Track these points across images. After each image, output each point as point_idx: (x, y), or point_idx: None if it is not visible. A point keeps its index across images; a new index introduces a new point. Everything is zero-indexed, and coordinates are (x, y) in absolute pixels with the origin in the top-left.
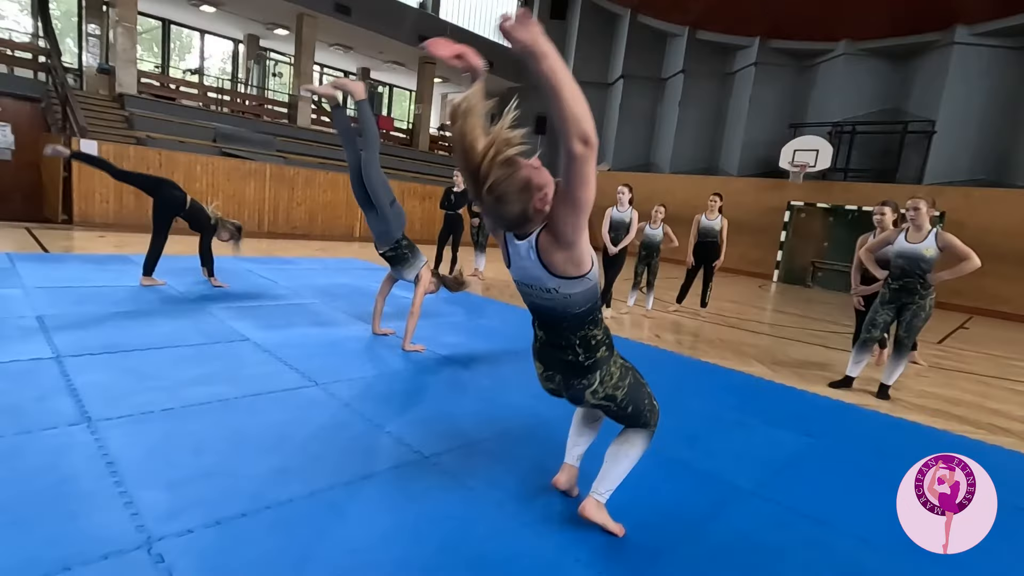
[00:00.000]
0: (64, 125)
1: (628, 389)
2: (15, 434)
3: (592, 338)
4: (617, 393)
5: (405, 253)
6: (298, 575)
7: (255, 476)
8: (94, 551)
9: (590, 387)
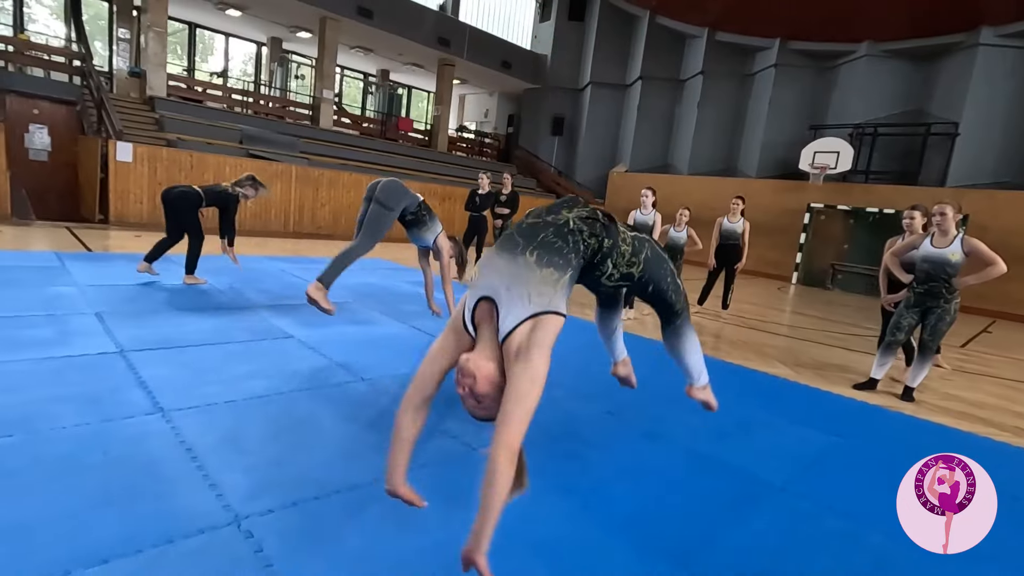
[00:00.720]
0: (99, 128)
1: (644, 265)
2: (100, 422)
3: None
4: (633, 270)
5: (423, 215)
6: (373, 551)
7: (321, 463)
8: (190, 527)
9: (604, 273)
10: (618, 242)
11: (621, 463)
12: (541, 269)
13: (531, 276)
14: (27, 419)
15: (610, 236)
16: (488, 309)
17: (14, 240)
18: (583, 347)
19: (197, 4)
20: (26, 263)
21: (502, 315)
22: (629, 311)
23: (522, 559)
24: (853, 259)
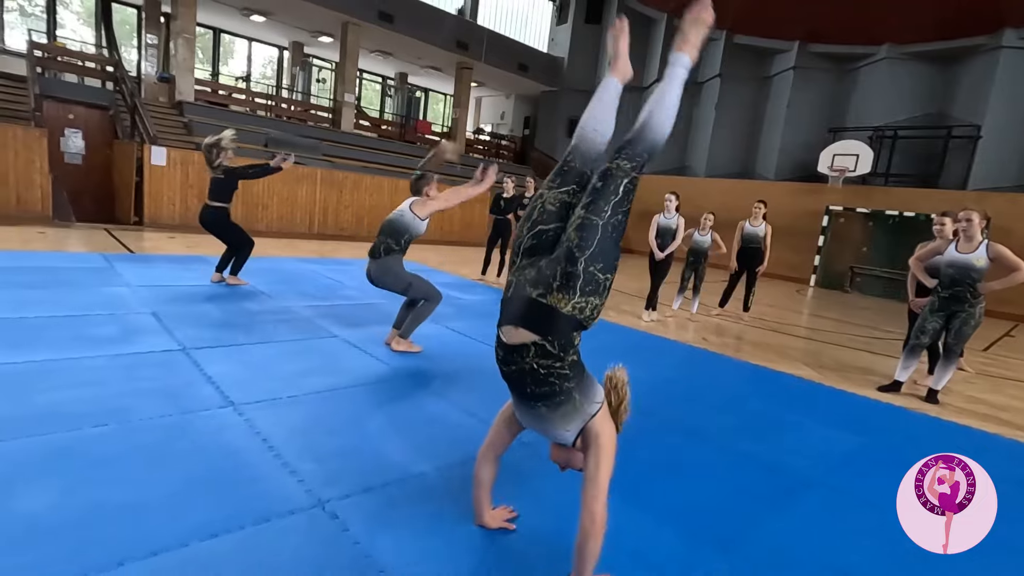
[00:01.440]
0: (133, 132)
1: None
2: (180, 414)
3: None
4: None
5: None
6: (445, 530)
7: (385, 454)
8: (282, 508)
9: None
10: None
11: (660, 459)
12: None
13: (553, 417)
14: (116, 411)
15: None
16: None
17: (60, 241)
18: (612, 348)
19: (222, 10)
20: (78, 264)
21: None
22: (651, 312)
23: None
24: (872, 262)
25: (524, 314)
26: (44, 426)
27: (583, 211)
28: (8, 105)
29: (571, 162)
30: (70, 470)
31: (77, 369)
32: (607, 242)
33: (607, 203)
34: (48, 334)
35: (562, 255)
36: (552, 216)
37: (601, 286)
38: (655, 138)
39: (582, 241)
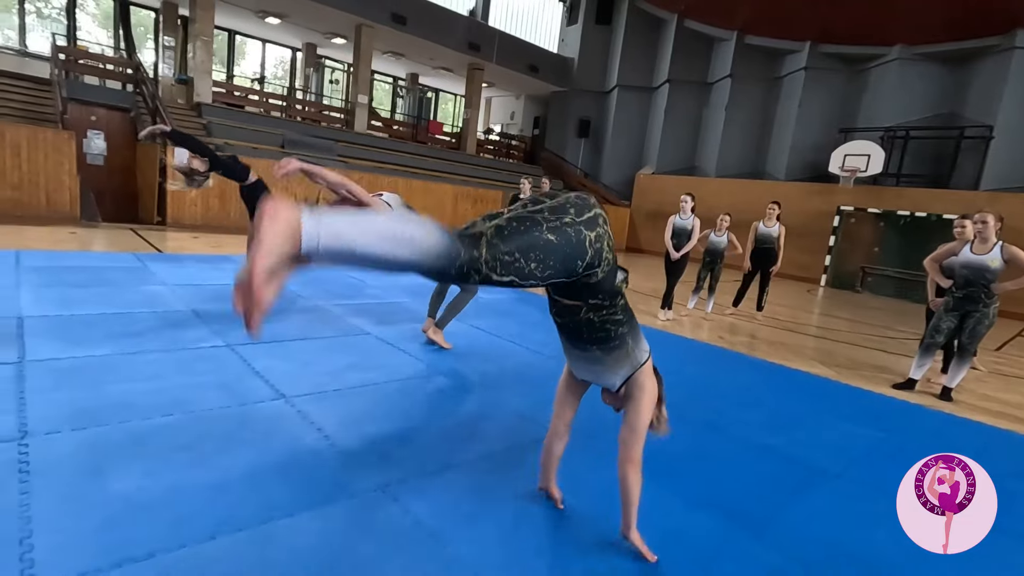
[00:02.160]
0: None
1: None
2: (238, 405)
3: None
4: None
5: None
6: (505, 509)
7: (436, 442)
8: (349, 490)
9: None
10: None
11: (686, 450)
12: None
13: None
14: (180, 402)
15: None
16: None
17: (90, 242)
18: None
19: (238, 12)
20: (114, 264)
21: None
22: (667, 311)
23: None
24: (883, 262)
25: (563, 288)
26: (120, 415)
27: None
28: (33, 107)
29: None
30: (151, 455)
31: (136, 364)
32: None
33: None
34: (101, 330)
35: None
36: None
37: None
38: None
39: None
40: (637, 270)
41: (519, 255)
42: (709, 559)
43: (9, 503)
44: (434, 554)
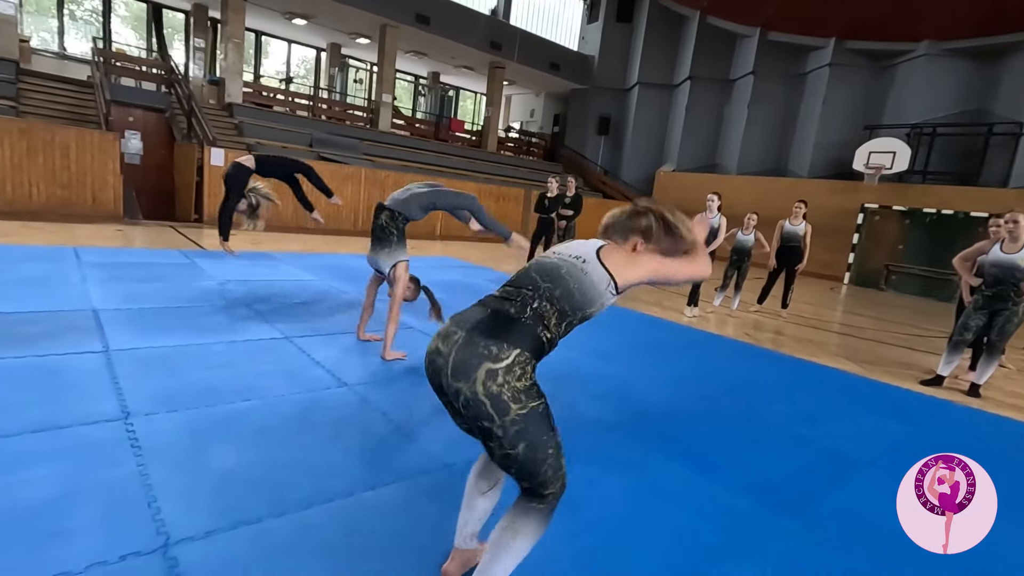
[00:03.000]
0: (189, 134)
1: (529, 415)
2: (306, 391)
3: (557, 325)
4: (512, 406)
5: (392, 235)
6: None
7: None
8: (419, 468)
9: (492, 361)
10: (527, 361)
11: (724, 439)
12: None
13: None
14: (253, 388)
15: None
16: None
17: (136, 239)
18: (662, 342)
19: (266, 14)
20: (165, 260)
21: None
22: (693, 308)
23: (669, 507)
24: (908, 260)
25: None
26: (205, 399)
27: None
28: (75, 109)
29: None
30: (240, 434)
31: (207, 353)
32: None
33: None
34: (169, 323)
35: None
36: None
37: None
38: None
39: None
40: None
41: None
42: (754, 536)
43: (131, 473)
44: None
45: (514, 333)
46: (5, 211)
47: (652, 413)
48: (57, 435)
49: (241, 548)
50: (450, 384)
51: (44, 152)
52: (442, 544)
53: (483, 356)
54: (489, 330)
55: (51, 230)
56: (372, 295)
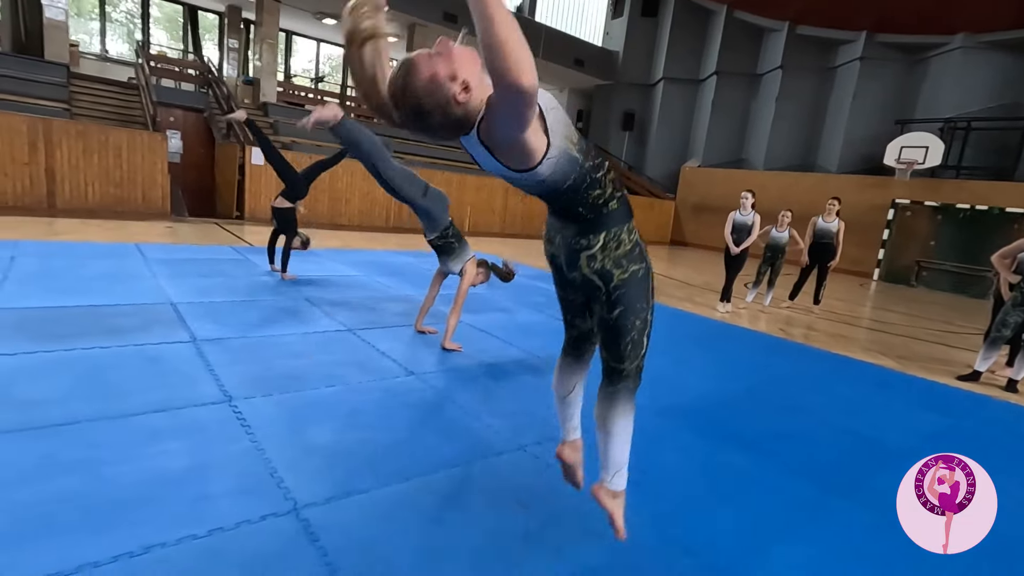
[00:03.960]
0: (228, 134)
1: (630, 280)
2: (379, 380)
3: (595, 198)
4: (615, 272)
5: (452, 243)
6: None
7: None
8: (494, 449)
9: (589, 249)
10: (624, 229)
11: (772, 429)
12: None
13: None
14: (333, 376)
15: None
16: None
17: (186, 235)
18: (696, 336)
19: (296, 14)
20: (219, 256)
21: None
22: (726, 304)
23: (731, 486)
24: (940, 256)
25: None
26: (293, 385)
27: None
28: (119, 110)
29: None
30: (330, 416)
31: (282, 344)
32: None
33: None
34: (239, 316)
35: None
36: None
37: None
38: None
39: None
40: (679, 263)
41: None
42: (810, 515)
43: (248, 448)
44: (572, 498)
45: (589, 224)
46: (64, 209)
47: (701, 403)
48: (175, 415)
49: (357, 513)
50: (569, 273)
51: (99, 153)
52: (528, 514)
53: (578, 249)
54: (572, 229)
55: (108, 227)
56: (436, 290)
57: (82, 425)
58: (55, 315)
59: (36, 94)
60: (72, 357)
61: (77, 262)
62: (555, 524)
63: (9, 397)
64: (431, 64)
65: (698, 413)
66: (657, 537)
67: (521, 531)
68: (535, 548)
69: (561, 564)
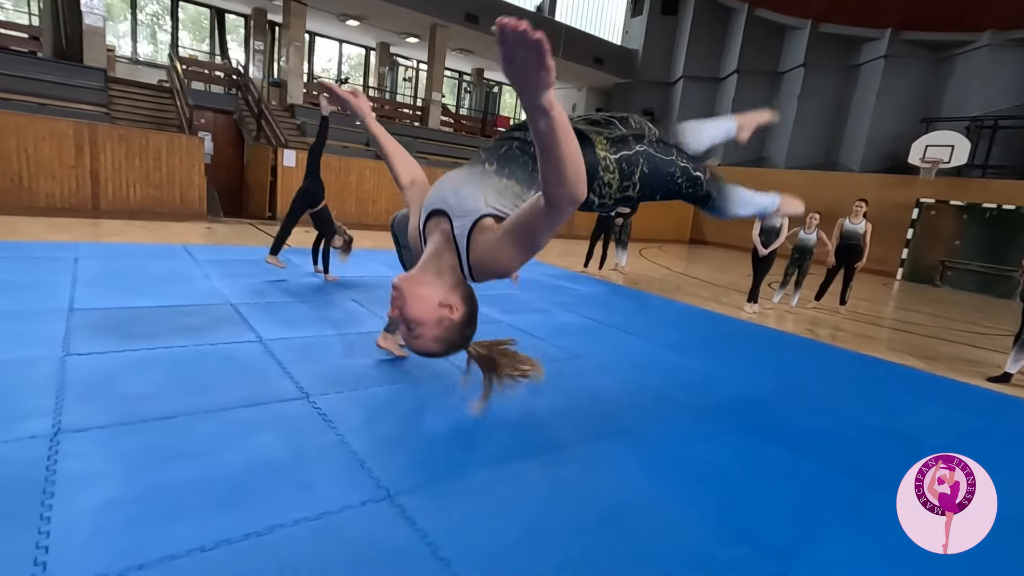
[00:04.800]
0: (259, 135)
1: (641, 184)
2: (437, 378)
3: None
4: (630, 193)
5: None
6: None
7: (612, 408)
8: (559, 445)
9: (590, 204)
10: (597, 171)
11: (806, 427)
12: (501, 179)
13: (488, 182)
14: (396, 375)
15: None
16: (436, 223)
17: (226, 236)
18: (725, 336)
19: (320, 16)
20: (261, 256)
21: (456, 224)
22: (753, 304)
23: (778, 480)
24: (965, 256)
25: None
26: (360, 383)
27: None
28: (154, 113)
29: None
30: (403, 410)
31: (342, 343)
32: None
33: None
34: (296, 316)
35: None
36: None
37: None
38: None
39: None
40: (700, 262)
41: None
42: (855, 508)
43: (335, 440)
44: (634, 480)
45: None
46: (107, 210)
47: (739, 401)
48: (263, 409)
49: (449, 498)
50: (604, 204)
51: (140, 156)
52: (623, 492)
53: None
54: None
55: (151, 228)
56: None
57: (182, 418)
58: (130, 315)
59: (77, 98)
60: (157, 356)
61: (135, 263)
62: (624, 510)
63: (115, 392)
64: (423, 322)
65: (738, 411)
66: (719, 526)
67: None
68: (618, 532)
69: (632, 546)
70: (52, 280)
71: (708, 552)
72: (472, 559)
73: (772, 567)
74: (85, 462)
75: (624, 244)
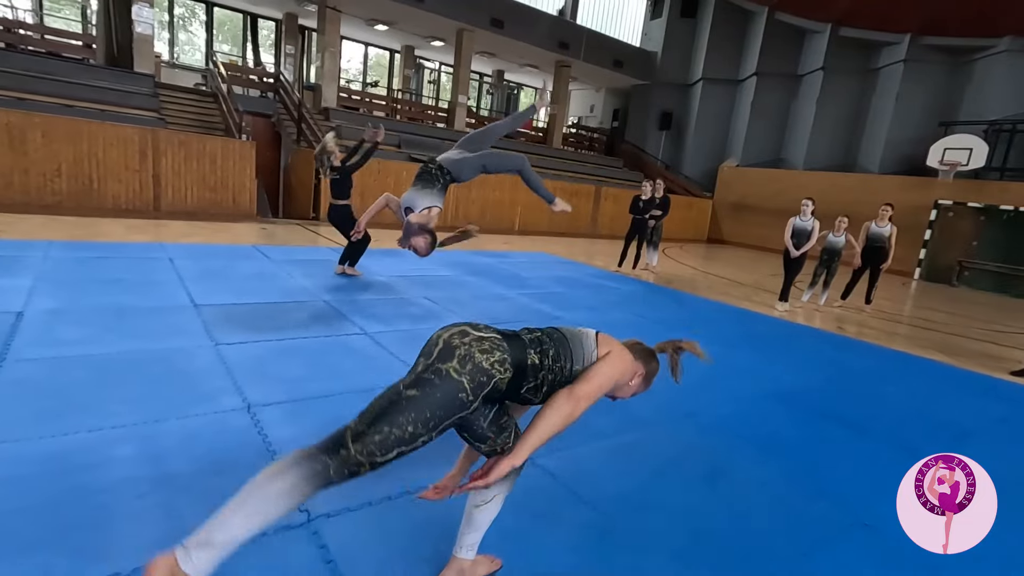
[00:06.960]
0: (299, 139)
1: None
2: None
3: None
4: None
5: (437, 181)
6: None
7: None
8: (589, 435)
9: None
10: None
11: (856, 412)
12: (425, 190)
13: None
14: None
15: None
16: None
17: (280, 237)
18: (763, 333)
19: (349, 21)
20: (324, 256)
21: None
22: (784, 303)
23: (844, 456)
24: (982, 256)
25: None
26: None
27: None
28: (200, 117)
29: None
30: None
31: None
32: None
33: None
34: (384, 312)
35: None
36: None
37: None
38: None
39: None
40: (722, 261)
41: (387, 427)
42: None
43: None
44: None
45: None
46: (167, 211)
47: (793, 390)
48: None
49: (588, 461)
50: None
51: (197, 159)
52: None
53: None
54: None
55: (214, 229)
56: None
57: (338, 396)
58: (248, 311)
59: (131, 104)
60: (290, 345)
61: (224, 263)
62: (719, 475)
63: (273, 375)
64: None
65: (794, 398)
66: (792, 485)
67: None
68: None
69: (734, 504)
70: (162, 279)
71: (790, 502)
72: (609, 501)
73: (849, 517)
74: (286, 428)
75: (655, 245)
